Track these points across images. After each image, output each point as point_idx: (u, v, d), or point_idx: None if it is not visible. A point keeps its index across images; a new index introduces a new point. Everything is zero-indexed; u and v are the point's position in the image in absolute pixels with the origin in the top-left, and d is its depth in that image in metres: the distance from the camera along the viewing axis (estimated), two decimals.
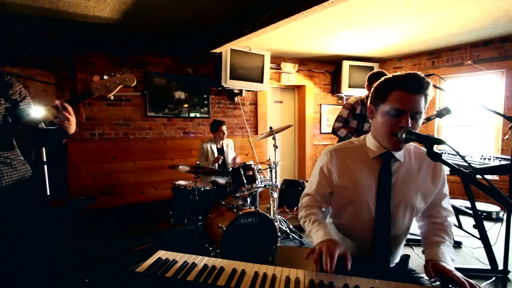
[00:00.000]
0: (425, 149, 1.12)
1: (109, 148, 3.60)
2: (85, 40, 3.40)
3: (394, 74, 0.98)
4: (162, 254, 1.02)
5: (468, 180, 0.65)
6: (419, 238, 1.13)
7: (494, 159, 2.16)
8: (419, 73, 0.94)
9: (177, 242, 2.96)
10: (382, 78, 1.00)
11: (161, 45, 3.77)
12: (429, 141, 0.79)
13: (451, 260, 0.96)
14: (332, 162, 1.12)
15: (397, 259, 1.15)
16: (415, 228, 1.20)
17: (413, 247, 2.71)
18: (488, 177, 4.04)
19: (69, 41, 3.32)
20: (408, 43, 4.06)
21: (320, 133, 5.17)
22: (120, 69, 1.46)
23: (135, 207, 3.65)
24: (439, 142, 0.77)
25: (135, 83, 1.46)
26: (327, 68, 5.10)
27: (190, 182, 2.83)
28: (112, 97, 3.60)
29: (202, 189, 2.70)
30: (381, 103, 0.99)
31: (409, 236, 1.19)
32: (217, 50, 3.64)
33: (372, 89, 1.04)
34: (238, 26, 3.03)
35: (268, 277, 0.88)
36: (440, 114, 2.43)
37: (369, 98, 1.06)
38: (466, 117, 4.35)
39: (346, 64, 4.70)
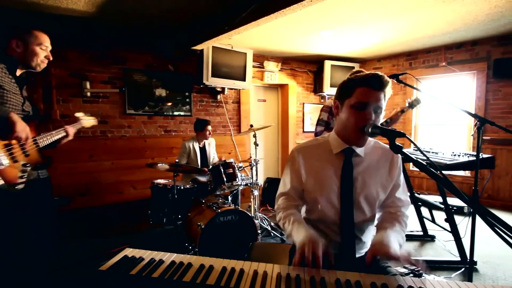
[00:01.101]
0: (383, 144, 1.17)
1: (86, 146, 3.47)
2: (59, 34, 3.25)
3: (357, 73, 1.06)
4: (129, 252, 0.99)
5: (427, 172, 0.68)
6: None
7: (463, 156, 2.26)
8: (379, 73, 1.01)
9: (156, 242, 2.90)
10: (347, 77, 1.08)
11: (141, 40, 3.68)
12: (392, 135, 0.81)
13: (397, 243, 0.99)
14: (299, 160, 1.16)
15: (366, 248, 1.18)
16: None
17: None
18: (460, 173, 4.23)
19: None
20: (386, 44, 4.18)
21: (303, 131, 5.23)
22: (97, 65, 1.63)
23: (113, 207, 3.54)
24: (400, 135, 0.80)
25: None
26: (310, 68, 5.17)
27: (170, 180, 2.78)
28: (89, 94, 3.48)
29: (182, 188, 2.66)
30: (347, 98, 1.05)
31: None
32: (198, 47, 3.60)
33: (338, 86, 1.10)
34: (218, 23, 3.01)
35: (236, 271, 0.88)
36: (412, 105, 2.54)
37: (335, 94, 1.11)
38: (441, 117, 4.53)
39: (328, 64, 4.77)
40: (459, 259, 2.38)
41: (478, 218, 3.67)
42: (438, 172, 0.71)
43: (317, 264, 0.87)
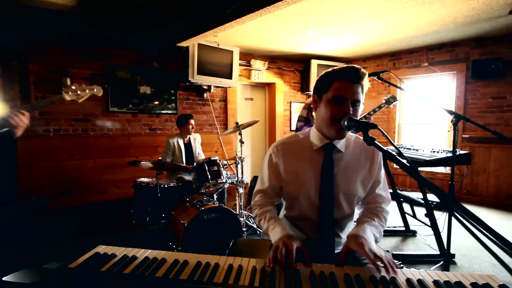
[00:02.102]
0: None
1: (66, 145, 3.36)
2: (37, 28, 3.14)
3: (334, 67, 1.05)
4: (101, 249, 0.96)
5: (396, 162, 0.69)
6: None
7: (442, 152, 2.33)
8: (356, 65, 1.02)
9: (139, 241, 2.84)
10: (324, 71, 1.07)
11: (125, 36, 3.59)
12: (365, 127, 0.82)
13: (372, 236, 1.00)
14: (278, 156, 1.15)
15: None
16: None
17: None
18: (441, 170, 4.36)
19: (18, 29, 3.05)
20: (371, 44, 4.26)
21: (290, 130, 5.25)
22: (78, 61, 1.57)
23: (95, 207, 3.45)
24: (372, 126, 0.81)
25: (101, 94, 1.70)
26: (297, 67, 5.20)
27: (153, 179, 2.73)
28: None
29: (166, 186, 2.62)
30: (325, 93, 1.04)
31: None
32: (183, 44, 3.55)
33: (316, 81, 1.09)
34: (203, 20, 2.98)
35: (211, 266, 0.86)
36: (388, 101, 2.62)
37: (313, 89, 1.11)
38: (424, 116, 4.66)
39: (314, 63, 4.81)
40: (438, 253, 2.45)
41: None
42: (416, 168, 0.72)
43: (290, 262, 0.87)
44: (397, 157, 0.68)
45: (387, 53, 4.79)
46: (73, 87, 1.53)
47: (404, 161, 0.67)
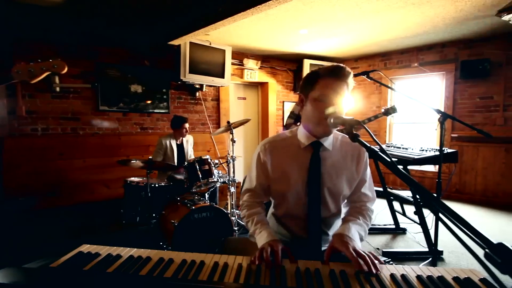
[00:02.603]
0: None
1: (55, 144, 3.30)
2: (24, 24, 3.07)
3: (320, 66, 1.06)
4: (85, 248, 0.94)
5: (378, 158, 0.69)
6: (370, 226, 1.16)
7: (430, 151, 2.37)
8: (341, 64, 1.03)
9: (128, 241, 2.79)
10: (310, 70, 1.09)
11: (115, 34, 3.54)
12: (349, 123, 0.83)
13: (357, 235, 1.01)
14: (266, 155, 1.15)
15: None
16: None
17: None
18: (431, 168, 4.43)
19: (3, 25, 2.98)
20: (362, 44, 4.30)
21: (284, 130, 5.27)
22: (67, 58, 1.40)
23: (84, 207, 3.39)
24: (357, 123, 0.82)
25: (65, 70, 1.39)
26: (290, 66, 5.21)
27: (144, 178, 2.70)
28: (58, 89, 3.30)
29: (157, 186, 2.59)
30: (310, 91, 1.05)
31: None
32: (175, 42, 3.53)
33: (302, 80, 1.10)
34: (195, 18, 2.96)
35: (196, 264, 0.86)
36: (387, 112, 2.62)
37: (299, 88, 1.11)
38: (414, 115, 4.72)
39: (307, 63, 4.83)
40: (427, 249, 2.49)
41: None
42: (398, 164, 0.73)
43: (276, 260, 0.87)
44: (379, 153, 0.69)
45: (378, 53, 4.84)
46: (23, 64, 1.28)
47: (386, 158, 0.67)
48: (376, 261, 0.86)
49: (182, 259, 0.88)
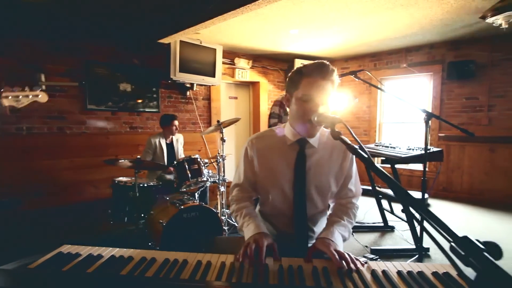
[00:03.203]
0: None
1: (40, 144, 3.22)
2: (7, 20, 2.99)
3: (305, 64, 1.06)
4: (65, 248, 0.92)
5: (359, 157, 0.70)
6: (359, 224, 1.15)
7: (416, 149, 2.41)
8: (325, 61, 1.03)
9: (116, 242, 2.75)
10: (295, 68, 1.08)
11: (104, 31, 3.48)
12: (332, 121, 0.83)
13: (340, 237, 1.02)
14: (253, 150, 1.16)
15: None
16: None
17: (353, 234, 2.91)
18: (420, 167, 4.51)
19: None
20: (352, 44, 4.34)
21: None
22: (53, 56, 1.46)
23: (72, 208, 3.33)
24: (338, 121, 0.82)
25: (46, 100, 1.50)
26: (281, 66, 5.23)
27: (132, 178, 2.66)
28: (44, 87, 3.22)
29: (146, 186, 2.56)
30: (295, 91, 1.05)
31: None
32: (165, 41, 3.49)
33: (287, 79, 1.10)
34: (184, 17, 2.94)
35: (179, 263, 0.85)
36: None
37: (285, 87, 1.12)
38: (403, 115, 4.80)
39: (298, 63, 4.85)
40: (414, 247, 2.53)
41: (434, 207, 3.91)
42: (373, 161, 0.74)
43: (259, 257, 0.87)
44: (358, 150, 0.70)
45: (368, 54, 4.90)
46: (14, 90, 1.36)
47: (364, 154, 0.68)
48: (356, 261, 0.87)
49: (165, 258, 0.87)
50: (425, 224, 0.53)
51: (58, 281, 0.77)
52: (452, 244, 0.42)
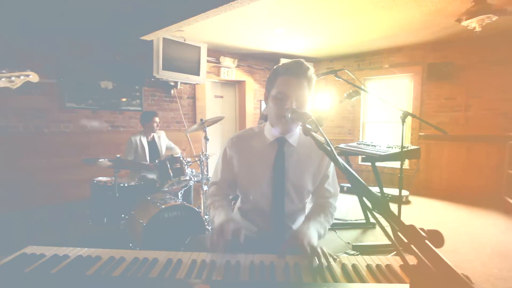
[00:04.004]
0: (316, 135, 1.20)
1: (16, 143, 3.10)
2: None
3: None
4: (29, 249, 0.89)
5: (326, 153, 0.71)
6: (342, 222, 1.16)
7: (395, 148, 2.47)
8: (301, 60, 1.03)
9: (96, 244, 2.69)
10: (273, 67, 1.08)
11: (83, 25, 3.38)
12: (303, 117, 0.84)
13: (316, 233, 1.03)
14: (232, 149, 1.16)
15: None
16: (339, 213, 1.26)
17: (336, 231, 2.95)
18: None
19: None
20: (337, 45, 4.41)
21: None
22: (28, 51, 1.42)
23: (50, 209, 3.21)
24: (308, 117, 0.83)
25: (37, 80, 1.49)
26: (267, 65, 5.24)
27: (112, 178, 2.60)
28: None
29: (126, 185, 2.50)
30: (271, 89, 1.06)
31: (334, 221, 1.24)
32: (147, 38, 3.43)
33: (267, 77, 1.10)
34: (167, 13, 2.89)
35: (149, 261, 0.83)
36: (350, 95, 2.68)
37: (265, 86, 1.12)
38: (386, 115, 4.92)
39: (283, 62, 4.87)
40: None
41: (414, 204, 4.02)
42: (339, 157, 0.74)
43: (224, 237, 0.90)
44: (324, 145, 0.70)
45: (352, 54, 4.99)
46: (4, 71, 1.37)
47: (328, 148, 0.69)
48: (329, 257, 0.87)
49: (134, 257, 0.85)
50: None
51: (20, 283, 0.74)
52: (398, 233, 0.43)
